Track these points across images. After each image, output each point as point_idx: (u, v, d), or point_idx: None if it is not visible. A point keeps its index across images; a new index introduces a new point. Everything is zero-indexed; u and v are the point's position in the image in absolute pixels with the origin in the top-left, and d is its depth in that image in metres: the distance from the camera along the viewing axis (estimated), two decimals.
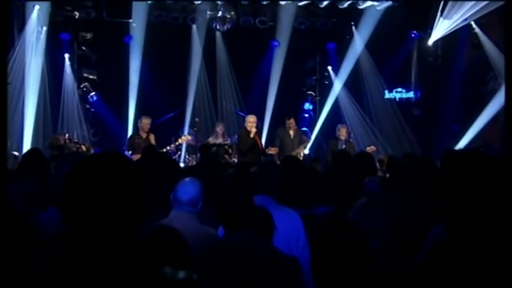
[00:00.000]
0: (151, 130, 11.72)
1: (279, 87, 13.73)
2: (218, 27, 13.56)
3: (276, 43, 13.87)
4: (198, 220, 4.09)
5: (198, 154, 11.47)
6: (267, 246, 3.00)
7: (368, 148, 11.48)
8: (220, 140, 12.10)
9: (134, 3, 12.76)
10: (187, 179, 4.21)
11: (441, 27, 12.79)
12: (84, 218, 1.54)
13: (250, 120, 10.98)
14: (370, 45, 13.62)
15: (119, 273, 1.49)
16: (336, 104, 13.94)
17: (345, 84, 13.92)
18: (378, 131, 13.56)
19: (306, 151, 12.61)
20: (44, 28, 12.43)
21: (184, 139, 11.90)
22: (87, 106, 13.69)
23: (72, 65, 13.40)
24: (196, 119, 12.06)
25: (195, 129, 12.11)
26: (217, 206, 2.97)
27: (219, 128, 12.40)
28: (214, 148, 10.91)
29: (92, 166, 1.62)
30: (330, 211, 4.50)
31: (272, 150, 11.16)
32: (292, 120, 11.74)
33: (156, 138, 11.63)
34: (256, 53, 13.89)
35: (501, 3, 10.43)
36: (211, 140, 12.18)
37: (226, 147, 11.25)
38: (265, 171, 4.28)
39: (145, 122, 11.52)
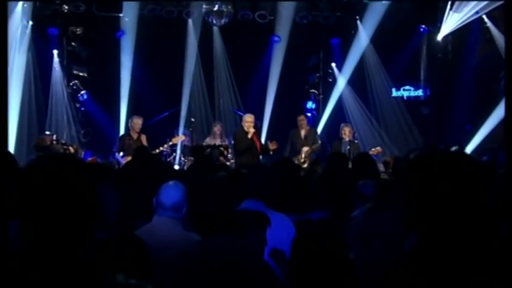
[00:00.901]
0: (143, 130, 11.70)
1: (280, 85, 13.70)
2: (214, 21, 13.50)
3: (276, 38, 13.82)
4: (182, 226, 4.03)
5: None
6: (247, 253, 2.96)
7: (373, 149, 11.45)
8: (218, 141, 12.07)
9: None
10: (171, 182, 4.15)
11: (451, 21, 12.74)
12: (32, 223, 1.54)
13: (248, 120, 10.90)
14: (376, 41, 13.56)
15: (67, 279, 1.50)
16: (339, 103, 13.90)
17: (349, 82, 13.88)
18: (384, 131, 13.51)
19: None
20: (30, 23, 12.40)
21: (178, 139, 11.83)
22: (77, 105, 13.65)
23: (61, 62, 13.36)
24: (192, 119, 12.00)
25: (191, 129, 12.05)
26: (196, 210, 2.92)
27: (217, 128, 12.37)
28: (208, 150, 10.89)
29: (42, 168, 1.60)
30: (326, 216, 4.44)
31: (272, 145, 11.08)
32: (303, 117, 11.88)
33: (148, 139, 11.59)
34: (255, 49, 13.83)
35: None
36: (208, 140, 12.16)
37: (222, 148, 11.21)
38: (255, 175, 4.22)
39: (136, 121, 11.48)
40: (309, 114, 14.36)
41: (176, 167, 12.37)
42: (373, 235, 2.79)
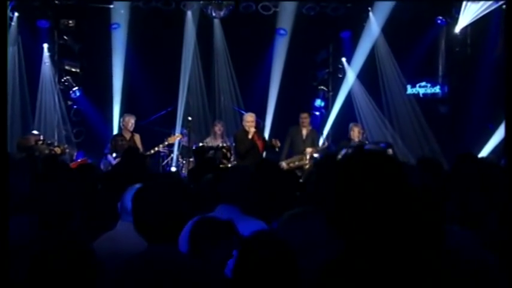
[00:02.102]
0: (138, 130, 11.73)
1: (286, 82, 13.65)
2: (214, 14, 13.45)
3: (281, 32, 13.74)
4: None
5: (193, 158, 11.38)
6: (193, 263, 2.91)
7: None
8: (219, 142, 12.04)
9: None
10: (137, 185, 3.94)
11: (469, 12, 12.57)
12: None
13: (249, 120, 10.89)
14: (389, 34, 13.45)
15: None
16: (349, 101, 13.79)
17: (360, 78, 13.78)
18: (397, 131, 13.37)
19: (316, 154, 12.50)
20: (16, 14, 12.39)
21: (174, 139, 11.79)
22: (69, 103, 13.66)
23: (52, 56, 13.38)
24: (189, 117, 11.90)
25: (188, 128, 11.96)
26: (137, 216, 2.85)
27: (218, 128, 12.35)
28: (211, 152, 10.83)
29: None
30: None
31: (275, 142, 11.00)
32: (306, 116, 11.81)
33: (142, 139, 11.58)
34: (258, 43, 13.76)
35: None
36: (208, 141, 12.13)
37: (225, 150, 11.14)
38: (229, 177, 4.13)
39: (128, 120, 11.47)
40: (317, 113, 14.36)
41: (173, 169, 12.33)
42: (311, 243, 2.80)
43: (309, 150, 11.41)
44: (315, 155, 11.24)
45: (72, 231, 4.19)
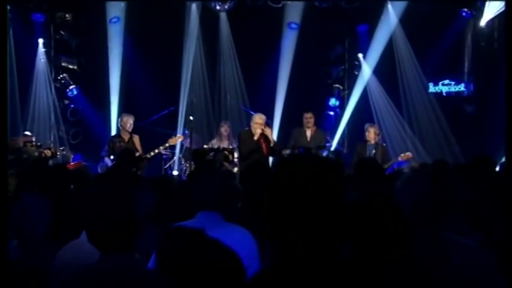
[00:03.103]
0: (139, 131, 11.65)
1: (298, 80, 13.54)
2: (218, 7, 13.36)
3: (293, 26, 13.63)
4: None
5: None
6: (147, 273, 2.90)
7: (402, 155, 11.30)
8: (225, 143, 11.99)
9: None
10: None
11: (495, 3, 12.36)
12: None
13: (258, 121, 10.69)
14: (409, 27, 13.30)
15: None
16: (366, 100, 13.64)
17: (378, 75, 13.63)
18: (417, 133, 13.20)
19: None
20: (8, 7, 12.34)
21: (175, 140, 11.68)
22: (66, 102, 13.63)
23: (47, 52, 13.33)
24: (191, 117, 11.80)
25: (190, 129, 11.86)
26: (90, 224, 2.78)
27: (224, 129, 12.27)
28: (212, 154, 10.73)
29: None
30: None
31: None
32: (310, 115, 11.58)
33: (141, 140, 11.49)
34: (267, 38, 13.67)
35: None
36: (214, 143, 12.06)
37: (226, 152, 11.03)
38: (209, 181, 3.98)
39: (127, 120, 11.38)
40: (331, 113, 14.23)
41: (175, 172, 12.25)
42: None
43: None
44: None
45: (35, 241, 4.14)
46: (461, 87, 13.75)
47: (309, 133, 11.56)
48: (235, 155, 11.44)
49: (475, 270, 3.02)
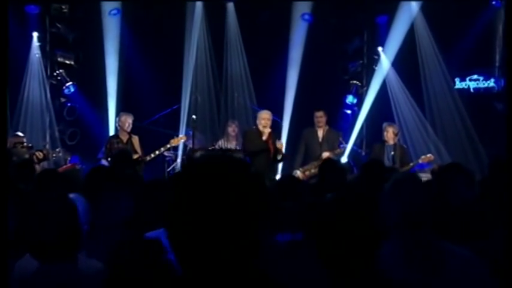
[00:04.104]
0: (139, 131, 11.67)
1: (312, 76, 13.52)
2: None
3: (306, 17, 13.59)
4: (83, 251, 3.79)
5: None
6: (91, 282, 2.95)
7: (423, 157, 11.27)
8: (233, 144, 12.04)
9: None
10: (71, 195, 4.05)
11: None
12: None
13: (264, 117, 10.74)
14: (433, 18, 13.21)
15: None
16: (386, 96, 13.58)
17: (399, 70, 13.57)
18: (441, 133, 13.11)
19: (344, 159, 12.30)
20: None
21: (177, 141, 11.69)
22: (62, 100, 13.67)
23: (42, 47, 13.39)
24: (193, 116, 11.77)
25: (193, 129, 11.83)
26: (29, 233, 2.77)
27: (232, 129, 12.33)
28: None
29: None
30: (297, 239, 4.05)
31: (279, 144, 10.78)
32: (321, 114, 11.55)
33: (141, 141, 11.48)
34: (278, 30, 13.63)
35: None
36: (221, 143, 12.10)
37: (230, 153, 10.94)
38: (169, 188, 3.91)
39: (125, 119, 11.39)
40: (348, 111, 14.18)
41: None
42: None
43: (325, 154, 11.13)
44: None
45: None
46: (491, 83, 13.59)
47: (320, 133, 11.52)
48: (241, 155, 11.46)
49: (469, 279, 3.06)
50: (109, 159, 11.11)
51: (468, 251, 3.18)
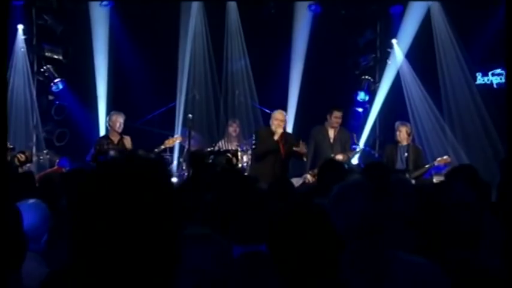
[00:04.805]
0: (128, 131, 11.75)
1: (319, 71, 13.54)
2: None
3: (314, 8, 13.62)
4: (42, 261, 4.03)
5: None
6: None
7: (439, 159, 11.31)
8: (234, 145, 12.12)
9: None
10: (30, 200, 4.19)
11: None
12: None
13: (278, 117, 10.84)
14: (452, 7, 13.26)
15: None
16: (401, 93, 13.61)
17: (414, 64, 13.59)
18: (459, 132, 13.13)
19: (355, 160, 12.32)
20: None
21: (172, 141, 11.83)
22: (50, 98, 13.73)
23: (28, 40, 13.45)
24: (190, 115, 11.84)
25: (189, 129, 11.90)
26: None
27: (233, 129, 12.44)
28: (211, 157, 10.79)
29: None
30: (260, 251, 4.13)
31: (301, 145, 10.86)
32: (341, 115, 11.66)
33: (133, 142, 11.63)
34: (283, 21, 13.69)
35: None
36: (221, 145, 12.19)
37: (229, 155, 11.06)
38: None
39: (116, 119, 11.49)
40: (360, 109, 14.14)
41: (174, 179, 12.27)
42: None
43: (339, 157, 11.15)
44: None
45: None
46: None
47: (332, 133, 11.57)
48: (245, 158, 11.59)
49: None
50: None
51: (424, 260, 3.19)
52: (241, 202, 4.60)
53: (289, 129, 12.87)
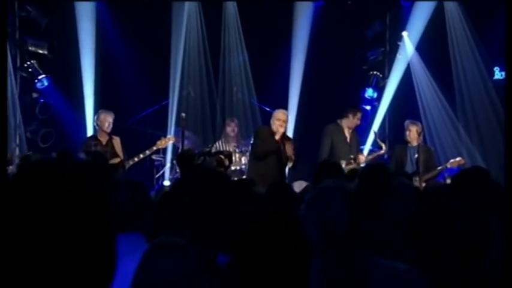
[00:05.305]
0: (117, 131, 11.71)
1: (323, 66, 13.56)
2: None
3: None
4: None
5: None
6: None
7: (452, 160, 11.36)
8: (232, 146, 12.15)
9: None
10: None
11: None
12: None
13: (280, 117, 10.88)
14: None
15: None
16: (412, 89, 13.62)
17: (426, 59, 13.58)
18: (475, 132, 13.13)
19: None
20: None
21: (164, 142, 11.81)
22: (34, 95, 13.71)
23: (10, 33, 13.31)
24: (183, 114, 11.82)
25: (182, 128, 11.87)
26: None
27: (231, 129, 12.49)
28: (201, 158, 10.72)
29: None
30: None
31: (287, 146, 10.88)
32: (360, 116, 11.96)
33: (122, 143, 11.59)
34: (284, 12, 13.62)
35: None
36: (218, 145, 12.23)
37: (222, 156, 10.99)
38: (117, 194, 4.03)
39: (104, 118, 11.46)
40: (367, 107, 14.14)
41: (167, 182, 12.28)
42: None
43: (362, 158, 11.46)
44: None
45: None
46: None
47: (347, 133, 11.71)
48: (244, 160, 11.68)
49: None
50: None
51: (405, 266, 3.20)
52: (228, 208, 4.58)
53: (291, 129, 12.91)
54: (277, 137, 10.70)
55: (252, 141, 11.26)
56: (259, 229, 2.58)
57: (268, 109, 12.40)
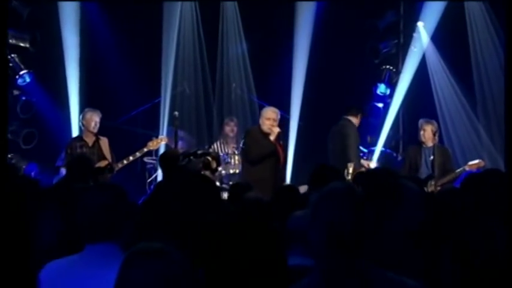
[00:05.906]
0: (104, 131, 11.72)
1: (331, 60, 13.54)
2: None
3: None
4: None
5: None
6: None
7: (471, 163, 11.31)
8: (231, 147, 12.28)
9: None
10: None
11: None
12: None
13: (270, 116, 10.84)
14: None
15: None
16: (427, 85, 13.57)
17: (444, 52, 13.56)
18: (496, 133, 13.02)
19: (372, 164, 12.38)
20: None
21: (156, 143, 11.80)
22: (16, 92, 13.70)
23: None
24: (175, 113, 11.86)
25: (175, 128, 11.89)
26: None
27: (230, 128, 12.54)
28: (185, 160, 10.71)
29: None
30: None
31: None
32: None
33: (110, 145, 11.59)
34: (286, 2, 13.68)
35: None
36: (217, 146, 12.32)
37: (209, 157, 10.98)
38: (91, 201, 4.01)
39: (90, 118, 11.49)
40: (380, 105, 14.19)
41: None
42: None
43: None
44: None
45: None
46: None
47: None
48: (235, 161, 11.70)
49: None
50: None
51: (414, 282, 3.17)
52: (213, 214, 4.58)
53: (294, 129, 12.98)
54: (272, 137, 10.67)
55: (242, 145, 11.25)
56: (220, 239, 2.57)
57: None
